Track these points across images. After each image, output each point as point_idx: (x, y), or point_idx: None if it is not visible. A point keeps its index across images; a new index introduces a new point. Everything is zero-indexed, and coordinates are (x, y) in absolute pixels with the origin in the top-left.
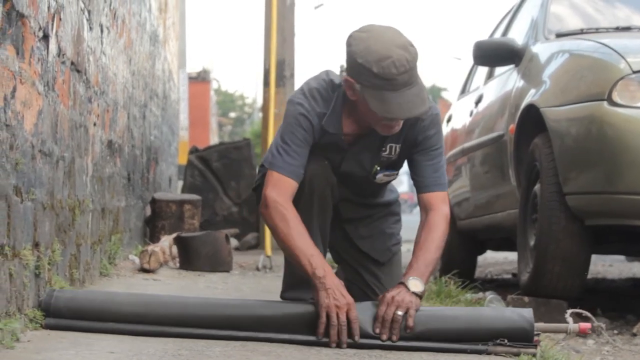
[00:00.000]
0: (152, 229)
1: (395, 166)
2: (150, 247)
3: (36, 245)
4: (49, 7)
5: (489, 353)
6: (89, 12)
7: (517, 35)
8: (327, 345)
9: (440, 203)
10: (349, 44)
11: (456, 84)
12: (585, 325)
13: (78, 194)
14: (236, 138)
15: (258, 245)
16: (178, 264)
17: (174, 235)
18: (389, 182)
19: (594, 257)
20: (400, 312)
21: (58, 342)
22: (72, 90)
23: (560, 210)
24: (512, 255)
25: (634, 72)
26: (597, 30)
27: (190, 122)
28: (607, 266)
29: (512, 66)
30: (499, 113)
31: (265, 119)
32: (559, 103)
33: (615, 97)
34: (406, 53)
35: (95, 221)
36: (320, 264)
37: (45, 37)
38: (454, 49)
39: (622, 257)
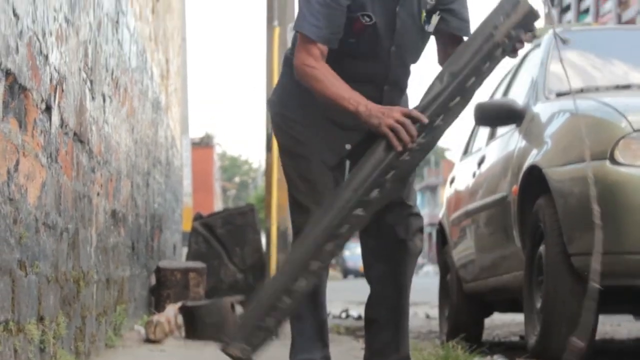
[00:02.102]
0: (157, 298)
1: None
2: (156, 317)
3: (41, 319)
4: (51, 79)
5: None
6: (91, 82)
7: (518, 96)
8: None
9: None
10: None
11: (459, 144)
12: None
13: (82, 265)
14: (240, 203)
15: None
16: (184, 334)
17: (179, 304)
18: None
19: (601, 317)
20: None
21: None
22: (75, 161)
23: (565, 271)
24: (520, 317)
25: (635, 131)
26: (597, 89)
27: (194, 188)
28: (616, 326)
29: (513, 126)
30: (501, 174)
31: (268, 185)
32: (561, 163)
33: (618, 156)
34: None
35: (100, 292)
36: (360, 100)
37: (48, 109)
38: None
39: (630, 317)
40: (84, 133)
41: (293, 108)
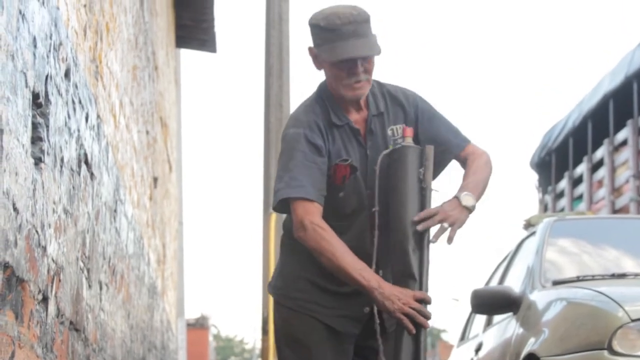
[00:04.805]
0: None
1: None
2: None
3: None
4: (48, 270)
5: None
6: (88, 270)
7: (514, 283)
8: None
9: (477, 149)
10: (309, 21)
11: (455, 326)
12: None
13: None
14: None
15: None
16: None
17: None
18: None
19: None
20: (446, 225)
21: None
22: (70, 349)
23: None
24: None
25: (633, 321)
26: (593, 278)
27: None
28: None
29: (510, 313)
30: None
31: None
32: (559, 352)
33: (616, 346)
34: (352, 10)
35: None
36: (371, 277)
37: (45, 300)
38: (452, 290)
39: None
40: (80, 321)
41: (300, 287)
